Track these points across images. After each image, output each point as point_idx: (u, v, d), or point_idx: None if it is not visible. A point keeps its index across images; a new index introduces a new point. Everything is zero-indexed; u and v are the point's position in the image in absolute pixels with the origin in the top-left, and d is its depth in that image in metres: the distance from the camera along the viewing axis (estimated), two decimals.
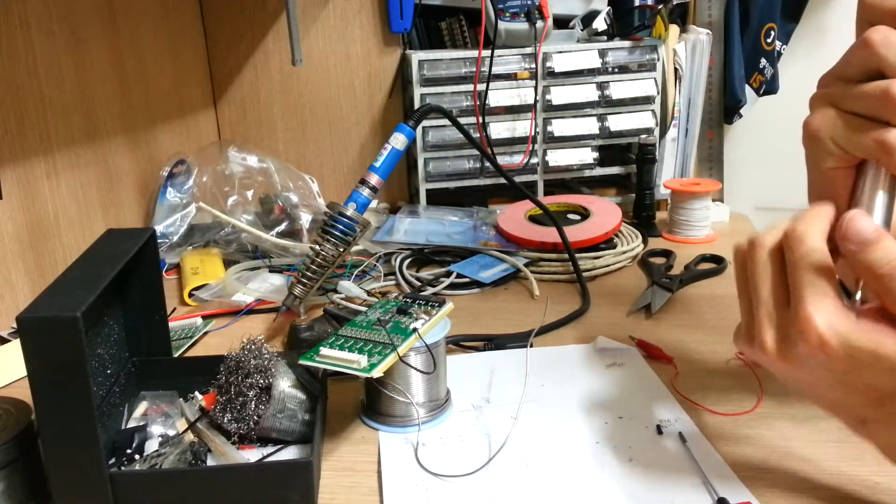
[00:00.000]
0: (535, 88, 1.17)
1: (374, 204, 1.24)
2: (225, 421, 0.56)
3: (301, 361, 0.57)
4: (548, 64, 1.17)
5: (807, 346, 0.39)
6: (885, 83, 0.38)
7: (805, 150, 0.44)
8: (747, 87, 1.32)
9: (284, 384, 0.57)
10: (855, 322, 0.39)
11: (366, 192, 0.77)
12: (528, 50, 1.16)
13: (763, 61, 1.33)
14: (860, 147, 0.40)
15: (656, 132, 1.21)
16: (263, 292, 0.88)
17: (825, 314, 0.39)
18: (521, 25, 1.14)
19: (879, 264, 0.38)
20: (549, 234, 0.99)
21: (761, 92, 1.35)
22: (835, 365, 0.40)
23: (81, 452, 0.47)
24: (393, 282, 0.95)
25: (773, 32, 1.32)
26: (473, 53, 1.15)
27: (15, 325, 0.77)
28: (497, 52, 1.14)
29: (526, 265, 0.96)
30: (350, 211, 0.75)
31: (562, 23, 1.24)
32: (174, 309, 0.89)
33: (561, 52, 1.17)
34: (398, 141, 0.78)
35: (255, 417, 0.55)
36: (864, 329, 0.39)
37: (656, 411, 0.61)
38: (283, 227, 1.03)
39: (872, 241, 0.38)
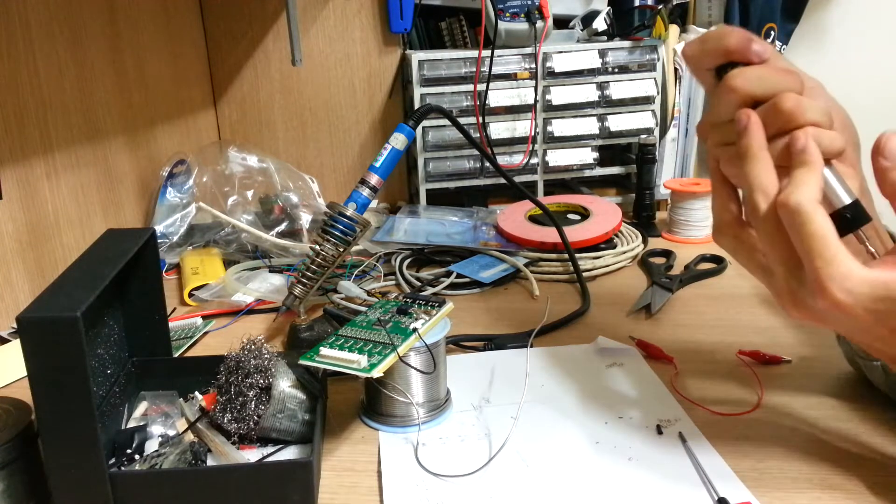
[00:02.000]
0: (535, 88, 1.17)
1: (374, 204, 1.24)
2: (225, 421, 0.56)
3: (301, 361, 0.57)
4: (548, 64, 1.17)
5: (826, 306, 0.41)
6: (770, 106, 0.44)
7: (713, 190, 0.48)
8: None
9: (284, 384, 0.57)
10: (869, 276, 0.40)
11: (366, 192, 0.77)
12: (528, 50, 1.16)
13: None
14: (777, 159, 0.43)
15: (656, 132, 1.21)
16: (263, 292, 0.88)
17: (840, 281, 0.40)
18: (521, 25, 1.14)
19: None
20: (549, 234, 0.99)
21: None
22: (858, 322, 0.42)
23: (81, 452, 0.47)
24: (393, 282, 0.95)
25: (773, 32, 1.32)
26: (473, 53, 1.15)
27: (15, 325, 0.77)
28: (497, 52, 1.14)
29: (526, 265, 0.96)
30: (350, 211, 0.75)
31: (562, 23, 1.24)
32: (174, 309, 0.89)
33: (561, 52, 1.17)
34: (398, 141, 0.78)
35: (255, 417, 0.55)
36: (880, 281, 0.40)
37: (656, 411, 0.61)
38: (283, 227, 1.03)
39: None
